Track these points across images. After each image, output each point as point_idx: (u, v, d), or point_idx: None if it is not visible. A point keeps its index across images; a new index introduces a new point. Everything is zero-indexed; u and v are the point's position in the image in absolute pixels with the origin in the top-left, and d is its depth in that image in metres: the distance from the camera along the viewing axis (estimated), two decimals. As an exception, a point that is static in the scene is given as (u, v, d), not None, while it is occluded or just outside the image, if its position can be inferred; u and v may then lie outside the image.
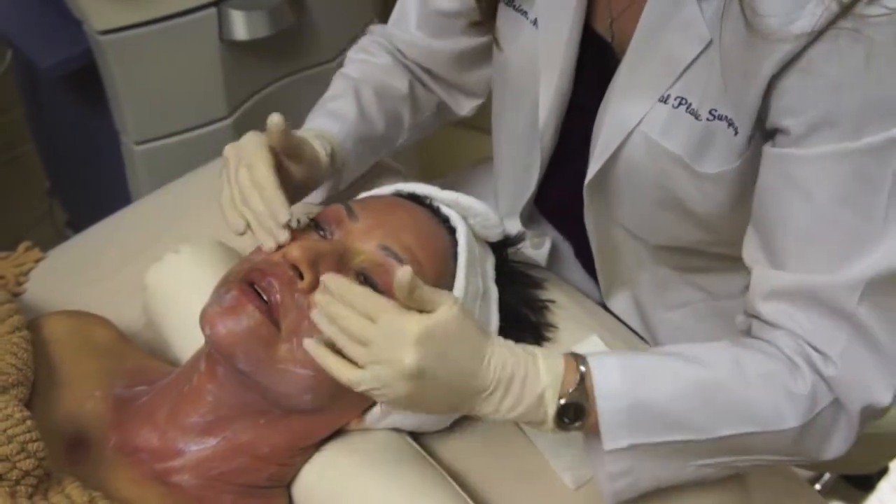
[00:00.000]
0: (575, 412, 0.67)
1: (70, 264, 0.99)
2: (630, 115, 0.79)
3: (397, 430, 0.78)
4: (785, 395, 0.67)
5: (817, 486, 1.47)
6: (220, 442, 0.73)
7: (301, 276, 0.71)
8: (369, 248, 0.74)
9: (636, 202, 0.85)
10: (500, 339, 0.68)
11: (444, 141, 2.01)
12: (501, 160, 1.01)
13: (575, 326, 0.88)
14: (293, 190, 0.81)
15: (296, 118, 0.87)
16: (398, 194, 0.83)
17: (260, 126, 0.90)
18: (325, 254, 0.71)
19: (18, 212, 1.82)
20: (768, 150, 0.71)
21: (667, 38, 0.74)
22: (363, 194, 0.85)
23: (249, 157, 0.77)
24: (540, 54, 0.85)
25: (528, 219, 1.01)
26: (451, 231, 0.80)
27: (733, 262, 0.93)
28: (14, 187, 1.85)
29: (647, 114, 0.77)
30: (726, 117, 0.73)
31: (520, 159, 0.95)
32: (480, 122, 2.01)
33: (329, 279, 0.66)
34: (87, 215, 1.27)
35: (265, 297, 0.70)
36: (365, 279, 0.72)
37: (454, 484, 0.75)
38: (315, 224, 0.77)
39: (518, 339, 0.80)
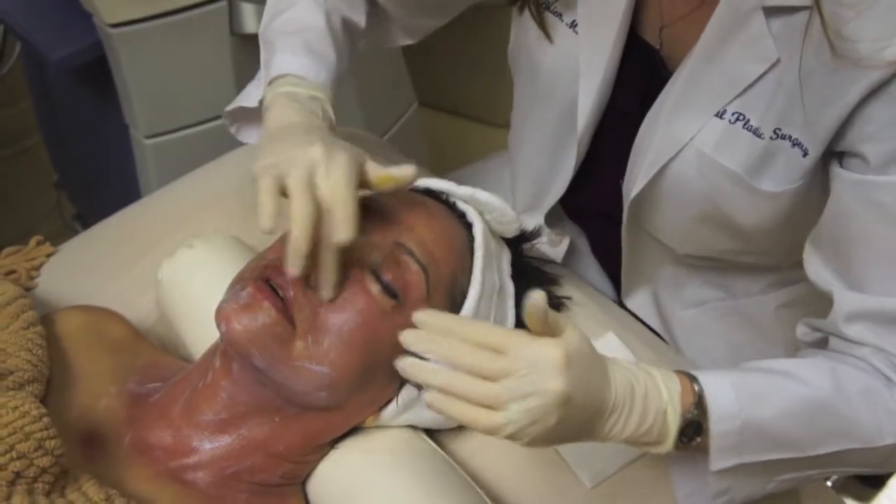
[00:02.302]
0: (694, 431, 0.66)
1: (82, 259, 0.99)
2: (684, 130, 0.77)
3: (413, 427, 0.78)
4: (885, 411, 0.68)
5: (828, 483, 1.46)
6: (235, 440, 0.72)
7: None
8: (385, 243, 0.73)
9: (677, 216, 0.84)
10: (615, 357, 0.66)
11: (455, 134, 2.01)
12: (524, 158, 0.99)
13: (591, 324, 0.87)
14: None
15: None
16: (413, 189, 0.83)
17: None
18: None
19: (26, 204, 1.82)
20: (845, 174, 0.70)
21: (730, 53, 0.73)
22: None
23: (339, 166, 0.67)
24: (581, 59, 0.84)
25: (549, 216, 1.00)
26: (468, 226, 0.80)
27: (755, 264, 0.93)
28: (22, 180, 1.85)
29: (702, 129, 0.76)
30: (792, 137, 0.73)
31: (549, 158, 0.94)
32: (491, 116, 2.01)
33: (429, 316, 0.61)
34: (95, 209, 1.26)
35: (280, 294, 0.69)
36: (377, 276, 0.71)
37: (471, 481, 0.74)
38: None
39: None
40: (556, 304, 0.87)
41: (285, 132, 0.72)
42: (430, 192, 0.82)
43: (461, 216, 0.80)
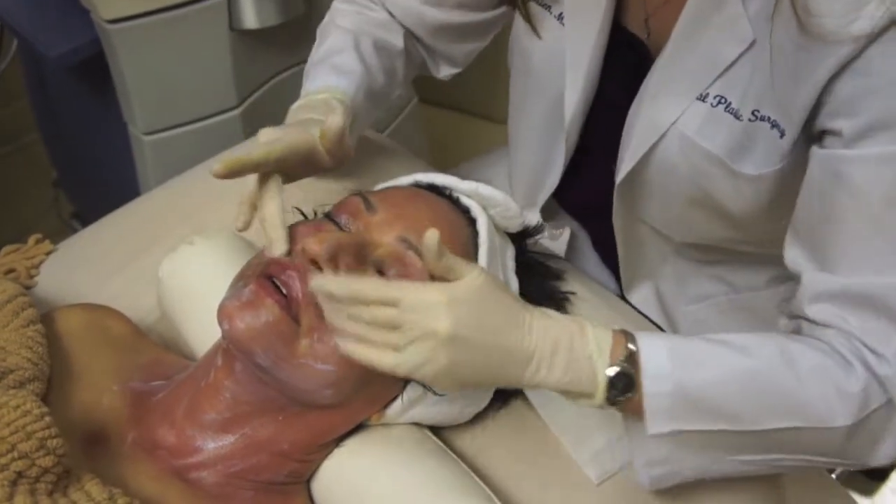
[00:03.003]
0: (625, 384, 0.65)
1: (81, 256, 0.98)
2: (665, 114, 0.78)
3: (417, 424, 0.77)
4: (836, 391, 0.65)
5: (832, 476, 1.46)
6: (239, 439, 0.72)
7: (320, 270, 0.69)
8: (388, 240, 0.72)
9: (667, 201, 0.84)
10: (544, 309, 0.67)
11: (454, 130, 2.00)
12: (520, 151, 0.99)
13: (596, 319, 0.86)
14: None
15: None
16: (416, 185, 0.82)
17: (269, 118, 0.89)
18: (345, 246, 0.70)
19: (24, 203, 1.80)
20: (817, 150, 0.69)
21: (707, 35, 0.73)
22: (380, 185, 0.84)
23: (268, 198, 0.75)
24: (567, 51, 0.84)
25: (546, 211, 0.99)
26: (471, 222, 0.79)
27: (758, 256, 0.92)
28: (19, 178, 1.84)
29: (684, 112, 0.77)
30: (770, 118, 0.72)
31: (541, 153, 0.94)
32: (491, 112, 2.01)
33: (329, 283, 0.64)
34: (93, 207, 1.25)
35: (284, 291, 0.68)
36: (382, 272, 0.71)
37: (476, 478, 0.74)
38: (331, 216, 0.75)
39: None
40: (560, 299, 0.86)
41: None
42: (433, 188, 0.81)
43: (465, 211, 0.79)
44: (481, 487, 0.73)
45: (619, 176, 0.84)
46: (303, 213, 0.86)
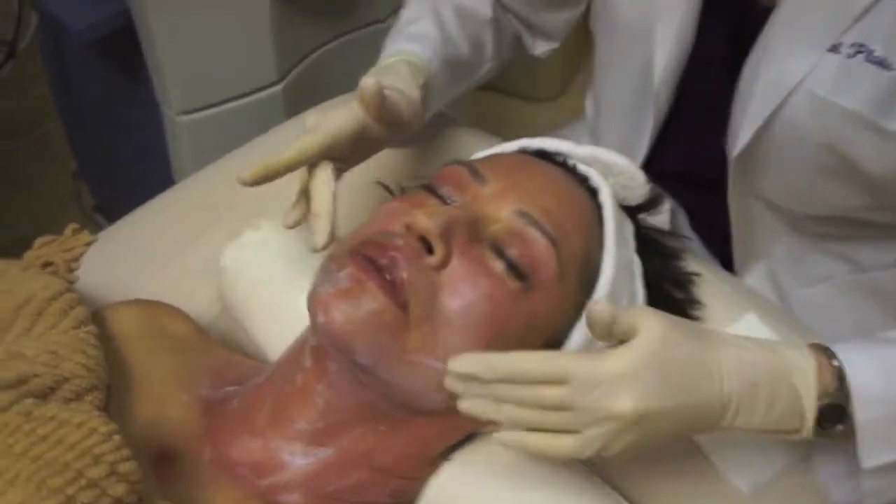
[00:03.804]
0: (837, 416, 0.57)
1: (124, 248, 0.87)
2: (790, 72, 0.69)
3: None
4: None
5: None
6: (334, 453, 0.61)
7: (430, 250, 0.58)
8: (505, 214, 0.61)
9: (791, 171, 0.75)
10: (725, 334, 0.57)
11: (495, 112, 1.89)
12: (604, 123, 0.90)
13: (724, 303, 0.75)
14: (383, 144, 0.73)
15: (349, 82, 0.75)
16: (524, 151, 0.71)
17: (313, 95, 0.79)
18: (458, 222, 0.59)
19: (43, 196, 1.70)
20: None
21: None
22: (480, 154, 0.73)
23: (318, 181, 0.67)
24: (657, 6, 0.76)
25: None
26: (592, 192, 0.68)
27: (889, 228, 0.81)
28: (38, 170, 1.74)
29: (814, 68, 0.68)
30: None
31: (628, 118, 0.85)
32: (533, 92, 1.89)
33: (470, 362, 0.55)
34: (119, 198, 1.16)
35: (387, 276, 0.57)
36: (500, 252, 0.60)
37: (611, 490, 0.63)
38: (431, 189, 0.64)
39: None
40: (685, 281, 0.75)
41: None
42: (543, 155, 0.70)
43: (583, 181, 0.68)
44: (619, 500, 0.62)
45: (736, 147, 0.74)
46: (388, 189, 0.75)
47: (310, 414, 0.60)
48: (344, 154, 0.68)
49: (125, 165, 1.47)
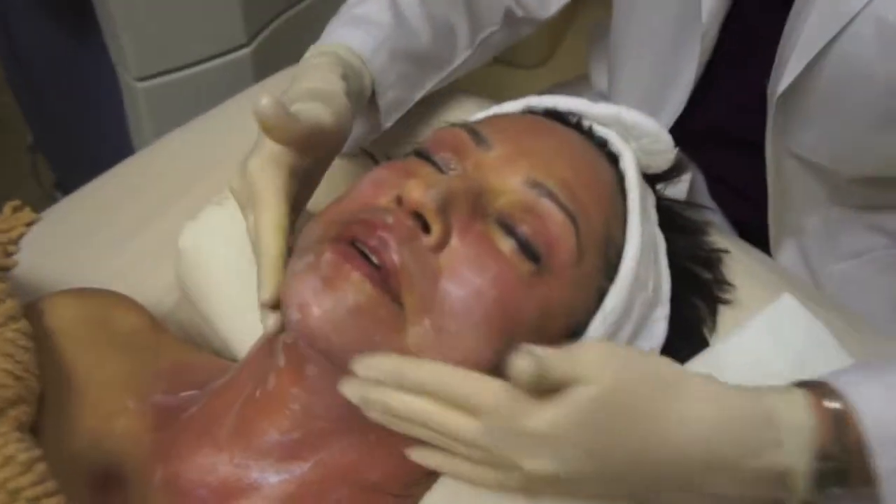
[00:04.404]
0: (837, 477, 0.46)
1: (72, 227, 0.76)
2: None
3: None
4: None
5: None
6: (312, 468, 0.51)
7: (426, 229, 0.49)
8: (513, 184, 0.52)
9: (840, 118, 0.65)
10: (697, 380, 0.46)
11: (471, 79, 1.78)
12: (625, 77, 0.79)
13: (756, 284, 0.66)
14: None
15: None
16: (531, 111, 0.61)
17: (285, 58, 0.67)
18: (458, 194, 0.49)
19: (-4, 173, 1.59)
20: None
21: None
22: (481, 114, 0.63)
23: (257, 201, 0.54)
24: None
25: None
26: (612, 159, 0.59)
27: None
28: (-10, 145, 1.63)
29: None
30: None
31: (660, 70, 0.74)
32: (511, 57, 1.78)
33: (377, 364, 0.46)
34: (79, 172, 1.06)
35: (375, 261, 0.48)
36: (509, 230, 0.50)
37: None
38: (425, 155, 0.54)
39: (688, 304, 0.59)
40: (713, 259, 0.65)
41: None
42: (554, 115, 0.60)
43: (601, 145, 0.59)
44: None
45: (780, 85, 0.64)
46: (372, 157, 0.65)
47: (283, 423, 0.51)
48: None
49: (85, 138, 1.36)
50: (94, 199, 0.79)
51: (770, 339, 0.60)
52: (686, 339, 0.61)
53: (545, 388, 0.43)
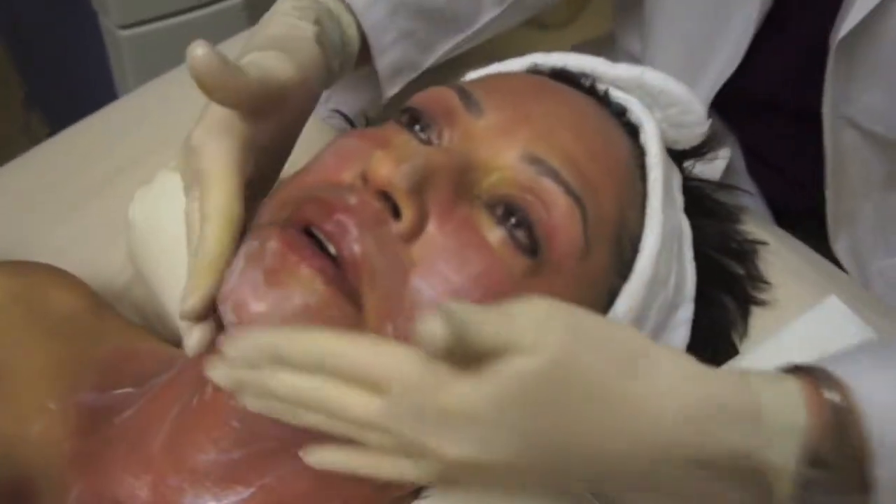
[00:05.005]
0: (827, 485, 0.37)
1: (19, 191, 0.68)
2: None
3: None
4: None
5: None
6: (257, 493, 0.43)
7: (396, 213, 0.40)
8: (507, 160, 0.43)
9: None
10: (661, 349, 0.37)
11: (496, 39, 1.69)
12: (662, 35, 0.68)
13: (797, 282, 0.57)
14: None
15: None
16: (536, 71, 0.51)
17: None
18: (438, 170, 0.40)
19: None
20: None
21: None
22: (478, 72, 0.53)
23: (201, 181, 0.44)
24: None
25: None
26: (632, 130, 0.50)
27: None
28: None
29: None
30: None
31: (704, 23, 0.63)
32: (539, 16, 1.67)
33: (249, 340, 0.36)
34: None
35: (331, 251, 0.39)
36: (501, 215, 0.41)
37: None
38: (407, 118, 0.45)
39: (716, 304, 0.50)
40: (746, 252, 0.56)
41: None
42: (563, 76, 0.51)
43: (620, 113, 0.49)
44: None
45: (845, 27, 0.55)
46: (346, 118, 0.56)
47: (221, 439, 0.43)
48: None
49: (73, 90, 1.30)
50: (45, 162, 0.70)
51: (811, 347, 0.51)
52: (712, 344, 0.52)
53: (471, 358, 0.34)
